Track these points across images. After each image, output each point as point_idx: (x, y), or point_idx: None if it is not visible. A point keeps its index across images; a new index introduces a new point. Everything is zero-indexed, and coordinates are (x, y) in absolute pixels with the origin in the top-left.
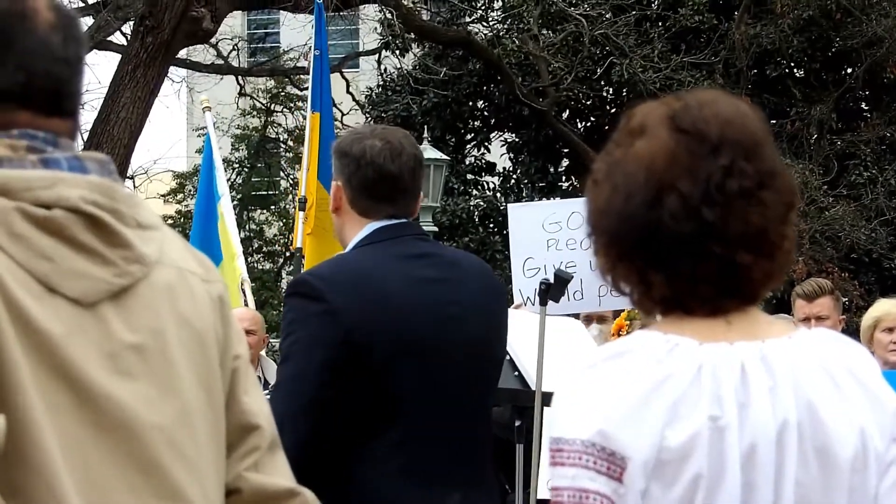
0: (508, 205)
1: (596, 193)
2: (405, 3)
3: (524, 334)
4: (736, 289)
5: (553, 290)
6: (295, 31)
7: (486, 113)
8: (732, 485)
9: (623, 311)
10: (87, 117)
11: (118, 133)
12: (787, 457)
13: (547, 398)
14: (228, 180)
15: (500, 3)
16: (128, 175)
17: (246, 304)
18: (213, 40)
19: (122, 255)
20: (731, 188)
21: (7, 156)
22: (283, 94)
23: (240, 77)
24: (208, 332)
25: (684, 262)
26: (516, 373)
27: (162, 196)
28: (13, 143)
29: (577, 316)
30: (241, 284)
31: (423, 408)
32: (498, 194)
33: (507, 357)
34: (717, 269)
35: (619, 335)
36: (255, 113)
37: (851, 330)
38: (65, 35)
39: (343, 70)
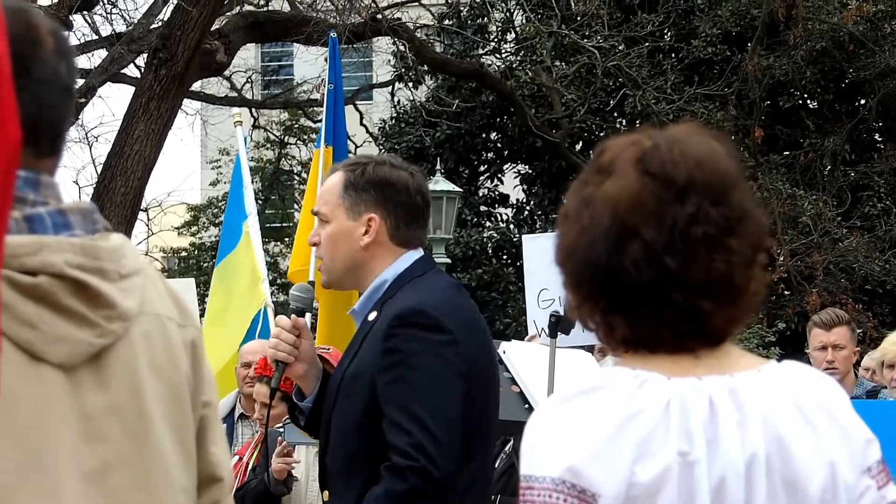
0: (523, 236)
1: (564, 231)
2: (418, 35)
3: (535, 366)
4: (698, 333)
5: (563, 322)
6: (308, 63)
7: (499, 145)
8: None
9: None
10: (102, 150)
11: (132, 166)
12: (756, 491)
13: None
14: None
15: (513, 35)
16: (141, 208)
17: (268, 330)
18: (226, 73)
19: (105, 314)
20: (695, 235)
21: None
22: (296, 126)
23: (253, 109)
24: (182, 380)
25: (645, 308)
26: (526, 405)
27: (176, 228)
28: None
29: (592, 347)
30: (265, 310)
31: (487, 442)
32: (511, 226)
33: (518, 390)
34: (678, 316)
35: None
36: (268, 145)
37: (858, 361)
38: (66, 62)
39: (356, 102)
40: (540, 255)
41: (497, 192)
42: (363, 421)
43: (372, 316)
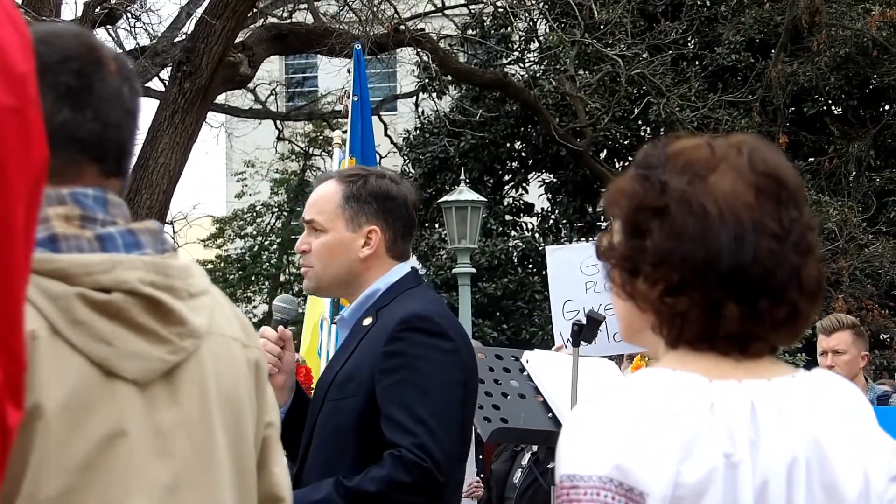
0: (546, 247)
1: (667, 219)
2: (442, 45)
3: (558, 376)
4: (785, 334)
5: (586, 331)
6: (331, 75)
7: (523, 154)
8: None
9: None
10: None
11: (157, 179)
12: (797, 493)
13: None
14: (268, 224)
15: (537, 45)
16: (167, 220)
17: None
18: (250, 85)
19: (177, 331)
20: (809, 239)
21: (63, 233)
22: (321, 137)
23: (278, 121)
24: (244, 401)
25: (764, 302)
26: (550, 414)
27: (201, 241)
28: (67, 213)
29: (621, 357)
30: (322, 322)
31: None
32: (536, 235)
33: (541, 399)
34: (787, 314)
35: None
36: (293, 157)
37: (885, 366)
38: (129, 86)
39: (381, 113)
40: (564, 266)
41: (522, 202)
42: (355, 422)
43: (367, 321)
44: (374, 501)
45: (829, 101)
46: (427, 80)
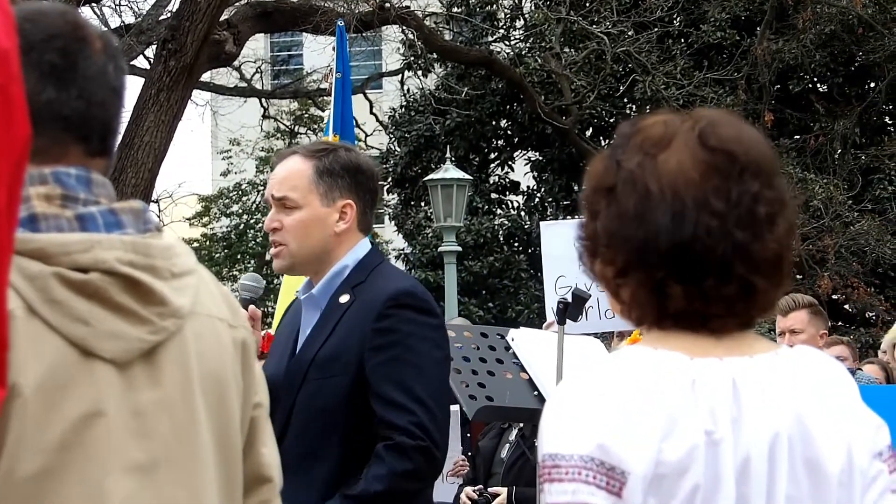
0: (540, 223)
1: (608, 202)
2: (427, 23)
3: (544, 353)
4: (744, 310)
5: (571, 309)
6: (317, 52)
7: (509, 132)
8: (727, 499)
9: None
10: None
11: (142, 157)
12: (779, 470)
13: None
14: (253, 202)
15: (522, 23)
16: (152, 199)
17: None
18: (236, 63)
19: (157, 311)
20: (759, 214)
21: (43, 212)
22: (306, 115)
23: (263, 99)
24: (230, 381)
25: (709, 280)
26: (535, 392)
27: (187, 219)
28: (48, 193)
29: (611, 335)
30: None
31: None
32: (522, 213)
33: (526, 377)
34: (737, 291)
35: None
36: (279, 135)
37: (870, 344)
38: (115, 64)
39: (366, 91)
40: (557, 241)
41: (508, 180)
42: (342, 400)
43: (343, 299)
44: (384, 498)
45: (815, 79)
46: (412, 58)
